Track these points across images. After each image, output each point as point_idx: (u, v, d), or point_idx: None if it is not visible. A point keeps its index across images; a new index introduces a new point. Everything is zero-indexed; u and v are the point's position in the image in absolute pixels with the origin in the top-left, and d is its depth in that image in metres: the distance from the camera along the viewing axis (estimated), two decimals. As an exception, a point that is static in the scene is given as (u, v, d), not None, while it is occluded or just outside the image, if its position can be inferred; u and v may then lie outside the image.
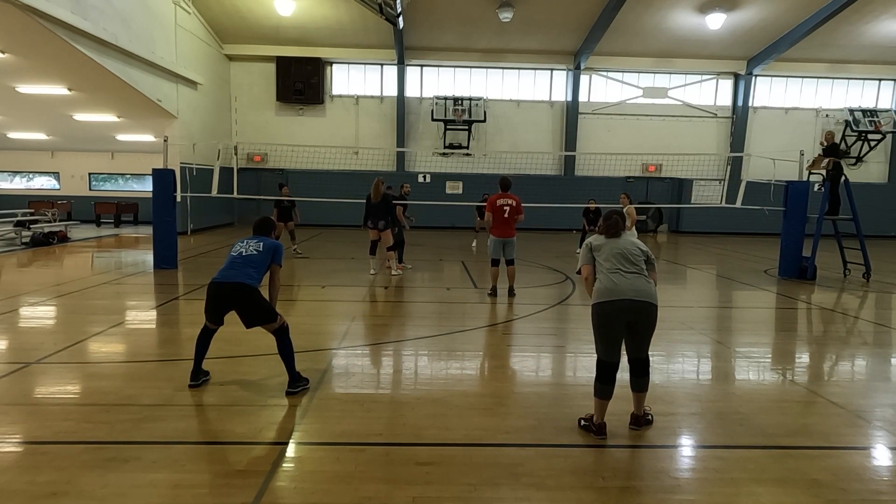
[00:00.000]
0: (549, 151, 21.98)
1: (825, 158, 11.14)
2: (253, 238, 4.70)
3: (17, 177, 24.15)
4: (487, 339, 6.35)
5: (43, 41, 11.08)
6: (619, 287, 3.72)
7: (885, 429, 4.07)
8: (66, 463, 3.28)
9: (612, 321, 3.74)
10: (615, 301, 3.70)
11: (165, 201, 10.70)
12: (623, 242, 3.93)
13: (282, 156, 20.83)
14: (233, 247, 4.67)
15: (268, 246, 4.61)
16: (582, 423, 3.99)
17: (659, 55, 20.97)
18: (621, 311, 3.70)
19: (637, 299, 3.69)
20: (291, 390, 4.48)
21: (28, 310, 7.28)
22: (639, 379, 3.90)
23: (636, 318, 3.74)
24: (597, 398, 3.85)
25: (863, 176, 21.82)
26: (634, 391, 3.96)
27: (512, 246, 8.51)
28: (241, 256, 4.50)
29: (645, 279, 3.80)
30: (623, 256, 3.84)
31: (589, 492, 3.10)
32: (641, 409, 3.99)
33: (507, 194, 8.38)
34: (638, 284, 3.74)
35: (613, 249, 3.89)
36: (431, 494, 3.04)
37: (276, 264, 4.63)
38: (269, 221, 4.87)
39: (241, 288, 4.34)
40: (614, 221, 4.01)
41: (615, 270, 3.79)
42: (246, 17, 18.67)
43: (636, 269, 3.81)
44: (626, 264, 3.81)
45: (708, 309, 8.59)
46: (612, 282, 3.75)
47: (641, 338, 3.83)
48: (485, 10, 18.01)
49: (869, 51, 20.18)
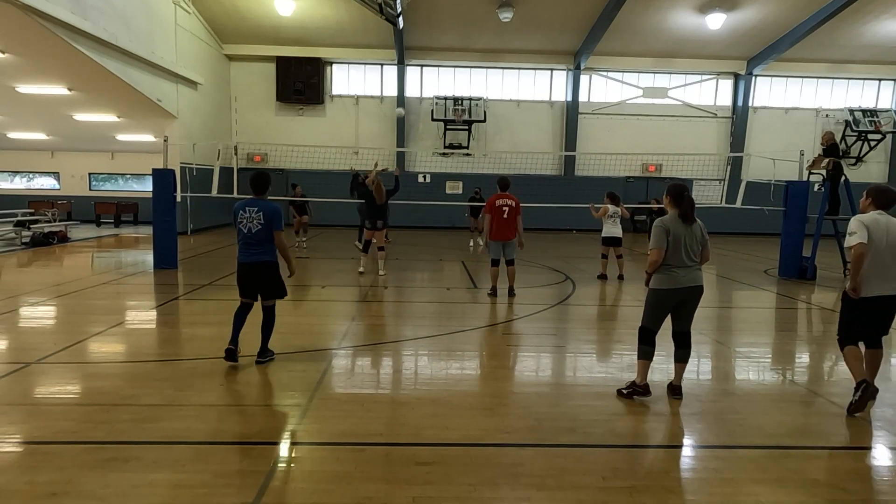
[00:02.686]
0: (549, 151, 21.97)
1: (825, 158, 11.13)
2: (252, 204, 4.97)
3: (17, 177, 24.15)
4: (487, 339, 6.35)
5: (43, 41, 11.08)
6: (679, 279, 4.30)
7: (885, 429, 4.07)
8: (66, 463, 3.28)
9: (667, 304, 4.42)
10: (674, 289, 4.32)
11: (165, 201, 10.70)
12: (692, 233, 4.32)
13: (282, 156, 20.81)
14: (237, 216, 5.00)
15: (266, 216, 4.91)
16: (623, 392, 4.48)
17: (659, 55, 20.96)
18: (677, 296, 4.35)
19: (690, 286, 4.33)
20: (261, 360, 5.09)
21: (28, 310, 7.28)
22: (683, 350, 4.50)
23: (686, 299, 4.39)
24: (641, 360, 4.46)
25: (863, 176, 21.78)
26: (677, 362, 4.52)
27: (512, 246, 8.50)
28: (250, 234, 4.94)
29: (697, 269, 4.37)
30: (686, 251, 4.29)
31: (589, 492, 3.10)
32: (680, 381, 4.52)
33: (506, 194, 8.34)
34: (693, 275, 4.34)
35: (682, 241, 4.28)
36: (431, 494, 3.04)
37: (277, 230, 4.96)
38: (265, 177, 5.07)
39: (260, 266, 4.98)
40: (690, 201, 4.32)
41: (679, 266, 4.29)
42: (246, 17, 18.66)
43: (694, 262, 4.34)
44: (688, 260, 4.30)
45: (708, 309, 8.59)
46: (675, 274, 4.30)
47: (688, 313, 4.46)
48: (485, 10, 18.01)
49: (869, 51, 20.17)
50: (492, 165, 20.94)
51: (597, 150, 21.54)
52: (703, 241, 4.40)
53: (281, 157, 20.92)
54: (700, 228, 4.40)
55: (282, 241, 5.02)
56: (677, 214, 4.31)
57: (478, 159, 21.64)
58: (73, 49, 11.44)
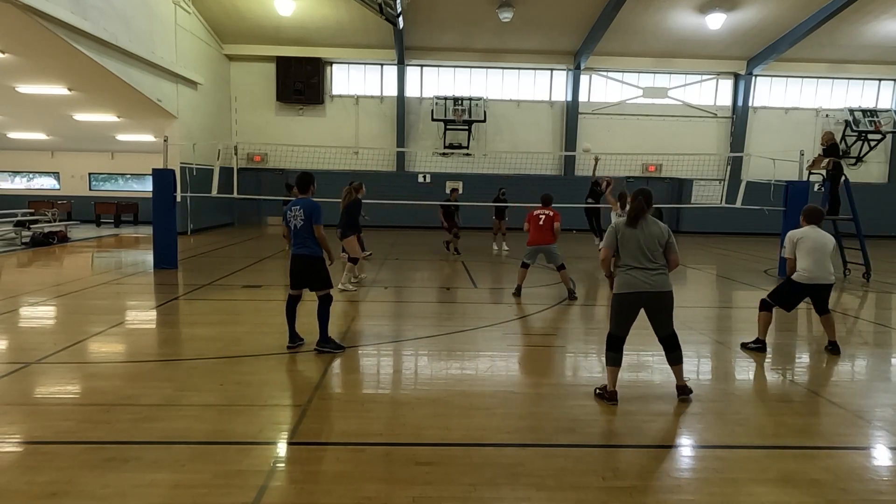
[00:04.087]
0: (549, 151, 21.97)
1: (825, 158, 11.13)
2: (296, 203, 5.42)
3: (17, 177, 24.16)
4: (487, 339, 6.34)
5: (43, 41, 11.08)
6: (637, 281, 4.26)
7: (885, 429, 4.07)
8: (66, 463, 3.28)
9: (628, 309, 4.36)
10: (632, 293, 4.29)
11: (165, 201, 10.70)
12: (645, 235, 4.28)
13: (282, 156, 20.81)
14: (286, 215, 5.54)
15: (306, 213, 5.35)
16: (597, 391, 4.51)
17: (659, 55, 20.97)
18: (637, 300, 4.31)
19: (651, 291, 4.26)
20: (319, 348, 5.43)
21: (28, 310, 7.28)
22: (672, 353, 4.44)
23: (651, 305, 4.33)
24: (609, 366, 4.42)
25: (863, 176, 21.80)
26: (672, 365, 4.47)
27: (551, 253, 8.68)
28: (296, 230, 5.39)
29: (661, 272, 4.30)
30: (643, 252, 4.26)
31: (589, 492, 3.10)
32: (682, 380, 4.47)
33: (547, 207, 8.80)
34: (653, 279, 4.26)
35: (636, 242, 4.27)
36: (431, 494, 3.04)
37: (316, 223, 5.36)
38: (307, 177, 5.56)
39: (307, 258, 5.40)
40: (638, 206, 4.28)
41: (634, 267, 4.27)
42: (246, 17, 18.66)
43: (654, 264, 4.28)
44: (645, 261, 4.27)
45: (708, 309, 8.60)
46: (631, 276, 4.28)
47: (661, 318, 4.39)
48: (485, 10, 18.01)
49: (869, 51, 20.17)
50: (492, 165, 20.94)
51: (597, 150, 21.52)
52: (665, 243, 4.32)
53: (281, 158, 20.91)
54: (660, 228, 4.33)
55: (321, 233, 5.36)
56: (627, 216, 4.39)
57: (478, 159, 21.65)
58: (73, 49, 11.44)
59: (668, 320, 4.40)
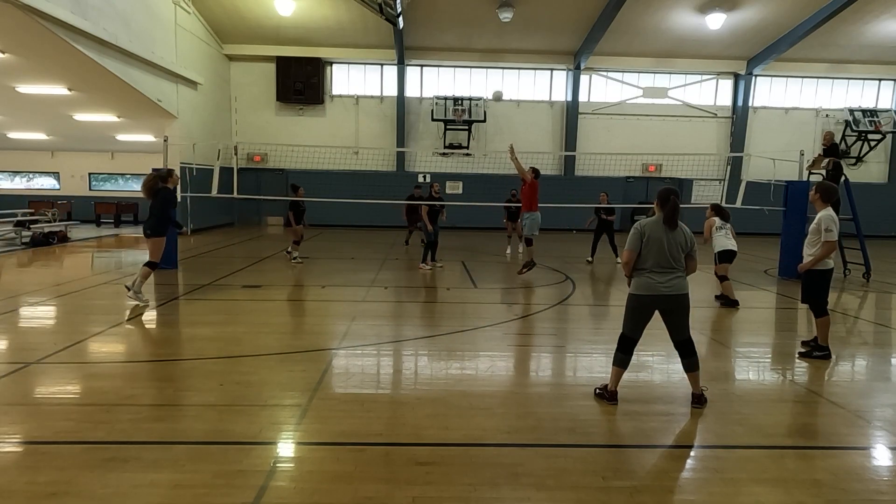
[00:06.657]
0: (549, 151, 21.97)
1: (825, 158, 11.14)
2: None
3: (17, 177, 24.16)
4: (487, 339, 6.34)
5: (43, 41, 11.07)
6: (656, 285, 4.20)
7: (885, 429, 4.07)
8: (66, 463, 3.28)
9: (644, 311, 4.31)
10: (648, 296, 4.23)
11: (165, 201, 10.67)
12: (671, 239, 4.20)
13: (282, 156, 20.82)
14: None
15: None
16: (597, 391, 4.49)
17: (659, 55, 20.96)
18: (653, 303, 4.26)
19: (669, 294, 4.20)
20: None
21: (28, 310, 7.28)
22: (688, 359, 4.33)
23: (669, 307, 4.26)
24: (615, 367, 4.38)
25: (863, 176, 21.80)
26: (688, 372, 4.36)
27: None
28: None
29: (679, 276, 4.23)
30: (664, 256, 4.19)
31: (589, 492, 3.10)
32: (699, 388, 4.36)
33: None
34: (673, 283, 4.20)
35: (659, 245, 4.18)
36: (431, 494, 3.04)
37: None
38: None
39: None
40: (675, 205, 4.20)
41: (653, 270, 4.21)
42: (246, 17, 18.66)
43: (674, 268, 4.21)
44: (665, 264, 4.20)
45: (708, 309, 8.58)
46: (651, 279, 4.21)
47: (678, 322, 4.30)
48: (485, 11, 18.01)
49: (869, 51, 20.17)
50: (492, 165, 20.93)
51: (597, 150, 21.54)
52: (687, 249, 4.27)
53: (281, 157, 20.93)
54: (685, 235, 4.27)
55: None
56: (660, 218, 4.25)
57: (478, 159, 21.64)
58: (73, 49, 11.44)
59: (684, 323, 4.30)
